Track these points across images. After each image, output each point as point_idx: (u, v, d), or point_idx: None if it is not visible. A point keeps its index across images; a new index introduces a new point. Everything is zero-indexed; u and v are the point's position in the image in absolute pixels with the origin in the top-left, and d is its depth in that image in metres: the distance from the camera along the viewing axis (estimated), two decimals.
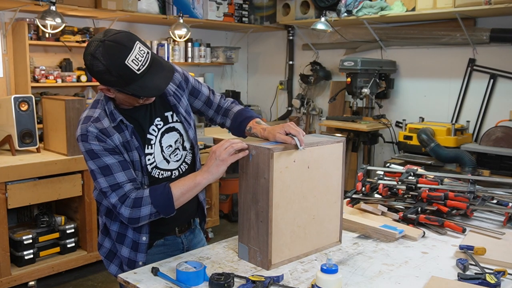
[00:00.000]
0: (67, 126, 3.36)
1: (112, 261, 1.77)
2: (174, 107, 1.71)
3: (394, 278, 1.47)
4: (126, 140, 1.58)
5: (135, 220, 1.55)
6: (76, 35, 4.01)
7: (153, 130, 1.65)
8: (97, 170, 1.55)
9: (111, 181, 1.54)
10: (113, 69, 1.42)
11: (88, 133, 1.54)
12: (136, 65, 1.43)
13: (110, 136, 1.55)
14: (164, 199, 1.53)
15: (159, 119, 1.67)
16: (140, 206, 1.53)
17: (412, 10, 4.02)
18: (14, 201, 3.13)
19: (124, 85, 1.45)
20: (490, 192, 2.13)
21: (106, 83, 1.49)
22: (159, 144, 1.66)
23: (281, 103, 5.66)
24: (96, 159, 1.54)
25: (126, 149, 1.58)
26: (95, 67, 1.43)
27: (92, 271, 3.67)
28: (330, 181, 1.69)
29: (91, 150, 1.54)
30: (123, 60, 1.41)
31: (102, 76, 1.45)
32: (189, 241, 1.83)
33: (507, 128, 3.77)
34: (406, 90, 4.58)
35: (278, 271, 1.50)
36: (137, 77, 1.44)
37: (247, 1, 5.23)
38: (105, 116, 1.57)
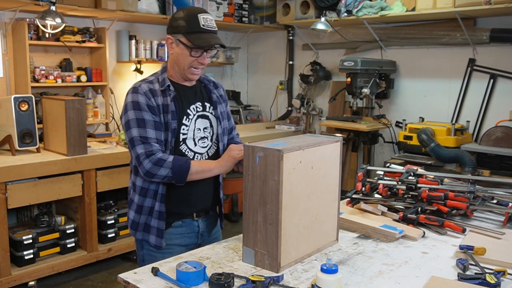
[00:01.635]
0: (67, 126, 3.36)
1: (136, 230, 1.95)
2: (214, 102, 2.00)
3: (394, 278, 1.47)
4: (166, 104, 1.84)
5: (151, 175, 1.79)
6: (76, 35, 4.01)
7: (193, 109, 1.92)
8: (134, 120, 1.80)
9: (142, 133, 1.79)
10: (187, 16, 1.81)
11: (139, 88, 1.83)
12: (203, 22, 1.80)
13: (155, 96, 1.83)
14: (182, 170, 1.78)
15: (199, 103, 1.95)
16: (161, 166, 1.77)
17: (412, 10, 4.02)
18: (14, 201, 3.13)
19: (187, 32, 1.80)
20: (490, 192, 2.13)
21: (175, 29, 1.82)
22: (194, 122, 1.91)
23: (281, 103, 5.66)
24: (137, 110, 1.80)
25: (164, 111, 1.83)
26: (176, 14, 1.84)
27: (92, 271, 3.67)
28: (329, 181, 1.69)
29: (137, 102, 1.80)
30: (196, 13, 1.82)
31: (177, 21, 1.82)
32: (205, 226, 2.01)
33: (507, 128, 3.77)
34: (406, 90, 4.58)
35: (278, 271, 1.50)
36: (200, 30, 1.79)
37: (247, 1, 5.23)
38: (157, 82, 1.88)
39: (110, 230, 3.75)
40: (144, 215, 1.91)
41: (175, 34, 1.83)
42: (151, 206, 1.89)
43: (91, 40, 4.11)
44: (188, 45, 1.81)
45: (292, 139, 1.64)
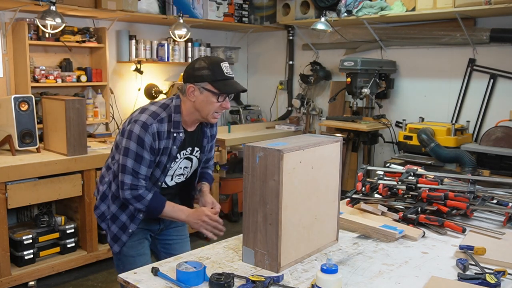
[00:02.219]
0: (67, 126, 3.36)
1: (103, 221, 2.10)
2: (203, 148, 2.12)
3: (394, 278, 1.47)
4: (167, 147, 1.94)
5: (127, 201, 1.95)
6: (76, 35, 4.01)
7: (183, 153, 2.03)
8: (134, 153, 1.89)
9: (135, 168, 1.90)
10: (211, 66, 1.90)
11: (150, 127, 1.89)
12: (226, 71, 1.92)
13: (160, 139, 1.92)
14: (155, 212, 1.97)
15: (190, 148, 2.06)
16: (139, 201, 1.93)
17: (412, 10, 4.02)
18: (14, 201, 3.13)
19: (213, 80, 1.89)
20: (490, 192, 2.13)
21: (199, 78, 1.90)
22: (178, 164, 2.04)
23: (281, 103, 5.66)
24: (139, 147, 1.88)
25: (163, 153, 1.94)
26: (197, 64, 1.92)
27: (92, 271, 3.67)
28: (329, 181, 1.69)
29: (142, 140, 1.88)
30: (219, 62, 1.92)
31: (200, 71, 1.90)
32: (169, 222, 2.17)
33: (507, 128, 3.77)
34: (406, 90, 4.58)
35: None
36: (224, 77, 1.91)
37: (247, 1, 5.23)
38: (167, 121, 1.93)
39: None
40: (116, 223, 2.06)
41: (199, 83, 1.90)
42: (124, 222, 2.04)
43: (91, 40, 4.10)
44: (215, 92, 1.90)
45: (292, 139, 1.64)
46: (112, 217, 2.05)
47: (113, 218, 2.05)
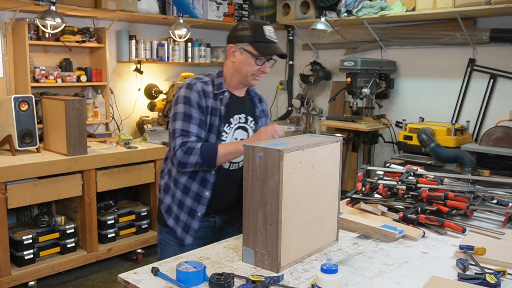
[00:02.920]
0: (67, 126, 3.36)
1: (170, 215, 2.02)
2: (257, 117, 2.08)
3: (394, 278, 1.47)
4: (216, 107, 1.92)
5: (183, 164, 1.86)
6: (76, 35, 4.01)
7: (236, 118, 2.00)
8: (182, 114, 1.88)
9: (185, 127, 1.87)
10: (253, 27, 1.90)
11: (194, 86, 1.90)
12: (268, 34, 1.91)
13: (207, 97, 1.91)
14: (210, 155, 1.84)
15: (243, 115, 2.02)
16: (191, 153, 1.85)
17: (412, 10, 4.02)
18: (14, 201, 3.13)
19: (253, 41, 1.88)
20: (490, 192, 2.13)
21: (240, 38, 1.90)
22: (233, 132, 1.99)
23: (281, 103, 5.66)
24: (187, 105, 1.87)
25: (211, 114, 1.91)
26: (241, 25, 1.93)
27: (92, 271, 3.67)
28: (329, 180, 1.69)
29: (189, 98, 1.88)
30: (262, 25, 1.92)
31: (242, 32, 1.90)
32: (223, 221, 2.06)
33: (507, 128, 3.77)
34: (406, 90, 4.58)
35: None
36: (265, 39, 1.90)
37: (247, 1, 5.23)
38: (211, 84, 1.94)
39: (110, 230, 3.75)
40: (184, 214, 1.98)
41: (240, 43, 1.90)
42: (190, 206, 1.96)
43: (91, 40, 4.10)
44: (254, 53, 1.89)
45: (292, 139, 1.64)
46: (179, 203, 1.98)
47: (180, 204, 1.98)
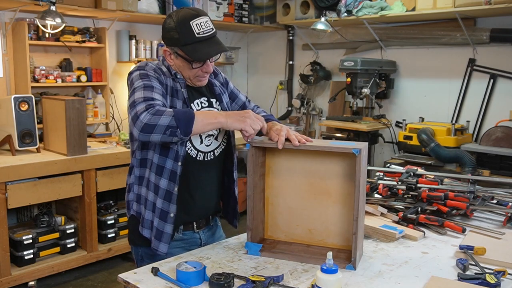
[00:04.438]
0: (67, 126, 3.36)
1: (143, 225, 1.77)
2: (218, 96, 1.83)
3: (394, 278, 1.47)
4: (176, 89, 1.70)
5: (150, 127, 1.49)
6: (76, 35, 4.01)
7: (197, 104, 1.76)
8: (141, 86, 1.60)
9: (148, 95, 1.57)
10: (179, 27, 1.63)
11: (147, 65, 1.70)
12: (198, 30, 1.62)
13: (165, 76, 1.70)
14: (185, 117, 1.52)
15: (205, 99, 1.79)
16: (161, 115, 1.50)
17: (412, 10, 4.02)
18: (14, 201, 3.13)
19: (182, 44, 1.63)
20: (490, 192, 2.13)
21: (170, 41, 1.67)
22: None
23: (281, 103, 5.66)
24: (145, 79, 1.62)
25: (172, 95, 1.68)
26: (167, 24, 1.66)
27: (92, 271, 3.67)
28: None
29: (145, 74, 1.65)
30: (189, 20, 1.62)
31: (169, 33, 1.65)
32: (207, 237, 1.88)
33: (507, 128, 3.77)
34: (406, 90, 4.58)
35: (278, 271, 1.50)
36: (195, 40, 1.62)
37: (247, 1, 5.23)
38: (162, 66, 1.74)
39: (110, 230, 3.75)
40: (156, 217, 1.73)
41: (171, 47, 1.68)
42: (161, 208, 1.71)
43: (91, 40, 4.10)
44: (187, 58, 1.66)
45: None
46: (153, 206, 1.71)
47: (153, 208, 1.71)
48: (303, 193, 1.65)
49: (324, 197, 1.64)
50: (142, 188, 1.77)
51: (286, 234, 1.69)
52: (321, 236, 1.67)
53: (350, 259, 1.56)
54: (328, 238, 1.67)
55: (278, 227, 1.69)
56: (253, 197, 1.61)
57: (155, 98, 1.57)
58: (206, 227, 1.88)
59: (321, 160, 1.63)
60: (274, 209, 1.68)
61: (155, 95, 1.58)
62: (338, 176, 1.63)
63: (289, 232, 1.69)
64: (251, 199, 1.62)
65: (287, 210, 1.67)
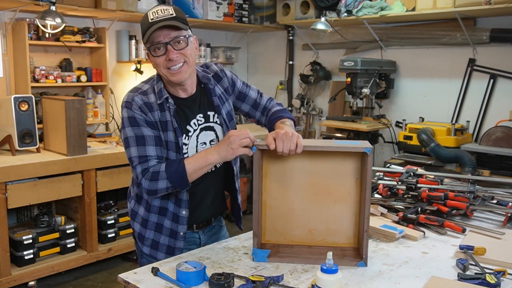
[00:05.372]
0: (67, 126, 3.36)
1: (143, 243, 1.81)
2: (217, 107, 1.77)
3: (394, 278, 1.47)
4: (165, 120, 1.66)
5: (153, 192, 1.62)
6: (76, 35, 4.01)
7: (193, 124, 1.73)
8: (133, 138, 1.63)
9: (141, 152, 1.63)
10: (142, 21, 1.62)
11: (133, 102, 1.64)
12: (152, 16, 1.58)
13: (152, 111, 1.65)
14: (178, 176, 1.59)
15: (201, 115, 1.74)
16: (157, 179, 1.60)
17: (412, 10, 4.02)
18: (14, 201, 3.13)
19: (143, 32, 1.59)
20: (490, 192, 2.13)
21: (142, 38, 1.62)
22: (195, 139, 1.73)
23: (281, 103, 5.65)
24: (135, 127, 1.63)
25: (162, 129, 1.66)
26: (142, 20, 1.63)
27: (92, 271, 3.67)
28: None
29: (133, 118, 1.63)
30: (148, 11, 1.61)
31: (141, 28, 1.62)
32: (207, 237, 1.88)
33: (507, 128, 3.77)
34: (406, 90, 4.58)
35: (278, 271, 1.50)
36: (148, 26, 1.57)
37: (247, 1, 5.23)
38: (152, 93, 1.68)
39: (110, 230, 3.75)
40: (150, 231, 1.79)
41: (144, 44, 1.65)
42: (157, 222, 1.76)
43: (91, 40, 4.10)
44: (146, 46, 1.61)
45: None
46: (157, 227, 1.77)
47: (157, 228, 1.77)
48: (303, 193, 1.64)
49: (325, 196, 1.64)
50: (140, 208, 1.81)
51: (286, 237, 1.67)
52: (322, 236, 1.67)
53: (356, 256, 1.57)
54: (329, 237, 1.66)
55: (277, 230, 1.66)
56: (258, 202, 1.59)
57: (149, 154, 1.63)
58: (207, 227, 1.89)
59: (322, 160, 1.62)
60: (272, 212, 1.65)
61: (149, 150, 1.63)
62: (340, 175, 1.62)
63: (289, 234, 1.66)
64: (257, 204, 1.59)
65: (286, 212, 1.65)
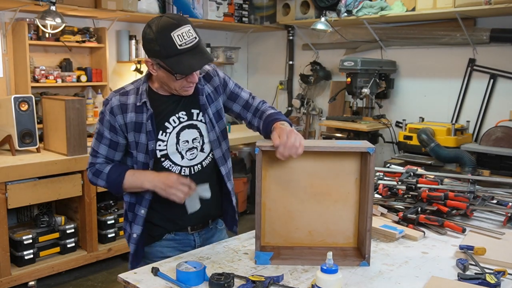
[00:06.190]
0: (67, 126, 3.36)
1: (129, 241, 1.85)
2: (202, 106, 1.76)
3: (394, 278, 1.47)
4: (140, 122, 1.70)
5: (93, 183, 1.80)
6: (76, 35, 4.01)
7: (173, 121, 1.73)
8: (97, 131, 1.77)
9: (95, 146, 1.77)
10: (159, 38, 1.55)
11: (110, 101, 1.72)
12: (180, 41, 1.54)
13: (125, 112, 1.70)
14: (114, 185, 1.74)
15: (184, 112, 1.74)
16: (98, 177, 1.76)
17: (412, 10, 4.02)
18: (14, 201, 3.13)
19: (164, 57, 1.56)
20: (490, 192, 2.13)
21: (151, 53, 1.60)
22: (175, 136, 1.73)
23: (281, 103, 5.66)
24: (100, 124, 1.75)
25: (135, 129, 1.71)
26: (147, 35, 1.58)
27: (92, 271, 3.67)
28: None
29: (103, 117, 1.74)
30: (169, 32, 1.54)
31: (149, 44, 1.58)
32: (203, 239, 1.85)
33: (507, 128, 3.77)
34: (406, 90, 4.58)
35: (278, 271, 1.50)
36: (177, 52, 1.55)
37: (247, 1, 5.23)
38: (134, 94, 1.72)
39: (110, 230, 3.75)
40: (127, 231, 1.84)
41: (153, 58, 1.61)
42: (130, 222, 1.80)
43: (91, 40, 4.10)
44: (170, 71, 1.59)
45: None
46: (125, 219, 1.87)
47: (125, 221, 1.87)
48: (302, 195, 1.64)
49: (324, 197, 1.64)
50: None
51: (285, 239, 1.66)
52: (322, 237, 1.67)
53: (358, 256, 1.57)
54: (329, 237, 1.66)
55: (276, 232, 1.65)
56: (260, 204, 1.58)
57: (99, 151, 1.76)
58: (204, 229, 1.86)
59: (321, 160, 1.62)
60: (271, 214, 1.64)
61: (101, 148, 1.76)
62: (339, 175, 1.62)
63: (288, 236, 1.66)
64: (260, 206, 1.58)
65: (285, 214, 1.64)
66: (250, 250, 1.67)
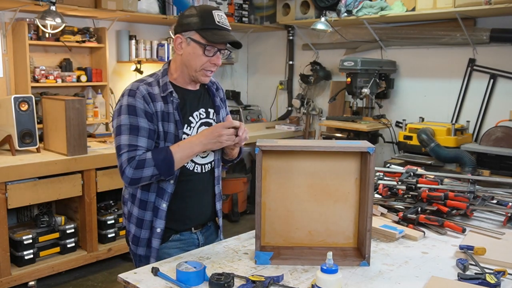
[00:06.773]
0: (67, 126, 3.36)
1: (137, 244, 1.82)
2: (217, 107, 1.86)
3: (394, 278, 1.47)
4: (168, 112, 1.70)
5: (136, 180, 1.65)
6: (76, 35, 4.01)
7: (196, 116, 1.79)
8: (127, 126, 1.65)
9: (132, 141, 1.64)
10: (200, 13, 1.67)
11: (137, 90, 1.68)
12: (218, 19, 1.68)
13: (155, 101, 1.68)
14: (166, 163, 1.64)
15: (203, 110, 1.81)
16: (143, 167, 1.63)
17: (412, 10, 4.02)
18: (14, 201, 3.13)
19: (201, 27, 1.66)
20: (490, 192, 2.13)
21: (186, 26, 1.68)
22: (196, 131, 1.78)
23: (281, 103, 5.66)
24: (132, 116, 1.65)
25: (163, 119, 1.70)
26: (187, 11, 1.70)
27: (92, 271, 3.67)
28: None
29: (133, 107, 1.66)
30: (211, 9, 1.69)
31: (188, 18, 1.68)
32: (205, 237, 1.90)
33: (507, 128, 3.77)
34: (406, 90, 4.58)
35: (278, 271, 1.50)
36: (214, 26, 1.67)
37: (247, 1, 5.23)
38: (156, 85, 1.72)
39: (110, 230, 3.75)
40: (145, 230, 1.79)
41: (186, 32, 1.67)
42: (150, 220, 1.77)
43: (91, 40, 4.10)
44: (202, 42, 1.66)
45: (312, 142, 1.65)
46: (137, 221, 1.78)
47: (138, 223, 1.78)
48: (302, 195, 1.64)
49: (324, 197, 1.64)
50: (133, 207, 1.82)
51: (285, 239, 1.66)
52: (322, 237, 1.67)
53: (358, 256, 1.57)
54: (329, 237, 1.67)
55: (276, 232, 1.66)
56: (260, 204, 1.59)
57: (139, 145, 1.65)
58: (204, 227, 1.91)
59: (321, 160, 1.62)
60: (271, 214, 1.65)
61: (140, 140, 1.65)
62: (339, 175, 1.63)
63: (288, 236, 1.66)
64: (259, 206, 1.58)
65: (285, 214, 1.65)
66: (250, 250, 1.67)
